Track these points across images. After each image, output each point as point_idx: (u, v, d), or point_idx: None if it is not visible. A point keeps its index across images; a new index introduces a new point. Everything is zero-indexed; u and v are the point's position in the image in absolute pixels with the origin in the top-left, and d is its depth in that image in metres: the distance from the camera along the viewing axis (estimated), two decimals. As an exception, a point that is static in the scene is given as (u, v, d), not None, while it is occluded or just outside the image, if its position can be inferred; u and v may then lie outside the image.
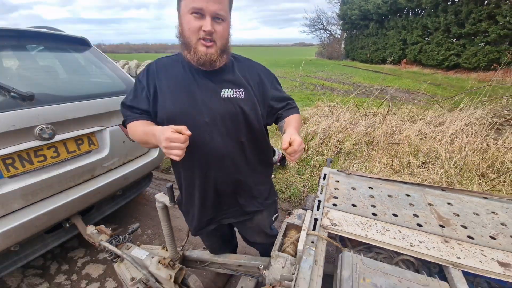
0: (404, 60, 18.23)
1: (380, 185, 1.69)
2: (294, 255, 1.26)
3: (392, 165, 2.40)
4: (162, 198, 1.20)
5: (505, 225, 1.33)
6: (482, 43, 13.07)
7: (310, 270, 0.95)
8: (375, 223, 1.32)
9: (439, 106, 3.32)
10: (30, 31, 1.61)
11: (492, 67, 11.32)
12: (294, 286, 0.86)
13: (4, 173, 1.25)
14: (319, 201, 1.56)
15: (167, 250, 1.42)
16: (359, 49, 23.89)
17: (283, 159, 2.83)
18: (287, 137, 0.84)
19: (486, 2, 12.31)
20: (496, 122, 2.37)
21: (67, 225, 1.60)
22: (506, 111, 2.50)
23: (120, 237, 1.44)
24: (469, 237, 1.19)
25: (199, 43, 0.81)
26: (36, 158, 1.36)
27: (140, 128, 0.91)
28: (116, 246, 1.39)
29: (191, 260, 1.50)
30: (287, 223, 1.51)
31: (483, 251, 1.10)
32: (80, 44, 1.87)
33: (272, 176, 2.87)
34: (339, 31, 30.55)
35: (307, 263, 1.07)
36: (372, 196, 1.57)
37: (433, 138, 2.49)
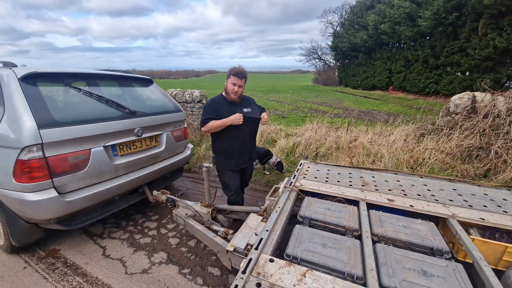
0: (391, 87, 19.97)
1: (335, 169, 2.75)
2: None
3: (352, 162, 3.43)
4: (206, 164, 2.22)
5: (401, 185, 2.35)
6: (457, 73, 14.74)
7: (285, 199, 1.93)
8: (325, 184, 2.36)
9: (396, 122, 4.45)
10: (127, 76, 2.77)
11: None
12: (276, 202, 1.85)
13: (119, 153, 2.29)
14: (295, 175, 2.60)
15: (201, 202, 2.40)
16: (351, 77, 25.93)
17: (278, 163, 3.69)
18: (264, 114, 2.44)
19: (456, 38, 14.18)
20: (422, 132, 3.44)
21: (140, 190, 2.59)
22: (429, 125, 3.59)
23: (177, 195, 2.44)
24: (376, 189, 2.19)
25: (232, 93, 2.23)
26: (133, 146, 2.41)
27: (217, 121, 2.21)
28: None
29: (218, 209, 2.48)
30: (274, 187, 2.55)
31: (381, 195, 2.06)
32: (148, 81, 3.03)
33: (267, 173, 3.84)
34: (332, 60, 33.10)
35: (283, 196, 2.08)
36: (328, 174, 2.62)
37: (380, 144, 3.56)
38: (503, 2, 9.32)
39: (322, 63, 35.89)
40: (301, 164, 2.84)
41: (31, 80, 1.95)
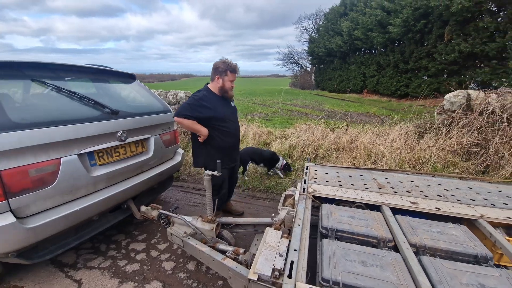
0: (366, 90, 20.95)
1: (344, 171, 2.58)
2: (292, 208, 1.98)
3: (354, 163, 3.29)
4: (209, 172, 1.88)
5: (417, 186, 2.23)
6: (425, 76, 15.84)
7: (303, 209, 1.69)
8: (340, 189, 2.16)
9: (386, 123, 4.44)
10: (104, 69, 2.33)
11: (434, 95, 13.75)
12: (295, 214, 1.58)
13: (98, 162, 1.85)
14: (305, 180, 2.37)
15: (201, 216, 2.04)
16: (327, 80, 26.81)
17: (285, 166, 3.42)
18: None
19: (425, 43, 15.27)
20: (420, 131, 3.43)
21: (124, 206, 2.15)
22: (425, 123, 3.61)
23: (171, 209, 2.05)
24: (395, 192, 2.05)
25: (230, 91, 2.23)
26: (115, 153, 1.98)
27: (197, 125, 2.12)
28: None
29: (222, 224, 2.13)
30: (285, 194, 2.27)
31: (402, 198, 1.93)
32: (129, 77, 2.60)
33: (271, 174, 3.54)
34: (309, 65, 34.08)
35: (301, 205, 1.83)
36: (338, 177, 2.43)
37: (380, 144, 3.47)
38: (469, 9, 10.19)
39: (299, 68, 36.81)
40: (307, 167, 2.62)
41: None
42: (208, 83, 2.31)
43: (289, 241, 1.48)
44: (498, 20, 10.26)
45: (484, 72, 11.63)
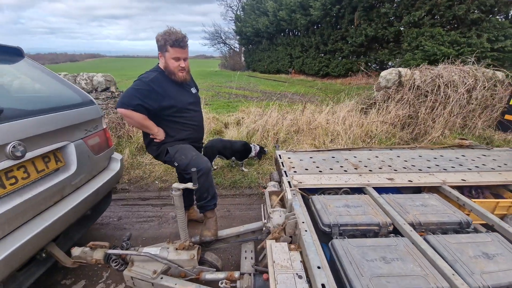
0: (293, 71, 22.25)
1: (315, 155, 2.49)
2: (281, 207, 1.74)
3: (314, 144, 3.28)
4: (180, 185, 1.37)
5: (383, 161, 2.34)
6: (340, 58, 17.92)
7: (300, 207, 1.48)
8: (323, 175, 2.04)
9: (330, 103, 4.67)
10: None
11: (349, 74, 15.84)
12: (296, 217, 1.34)
13: (-26, 202, 1.07)
14: (285, 171, 2.13)
15: (172, 242, 1.55)
16: (257, 62, 27.05)
17: (260, 152, 3.02)
18: None
19: (338, 27, 17.01)
20: (363, 107, 3.74)
21: (43, 255, 1.40)
22: (367, 100, 3.95)
23: (123, 243, 1.45)
24: (370, 170, 2.09)
25: (179, 72, 1.68)
26: (8, 180, 1.20)
27: (148, 121, 1.67)
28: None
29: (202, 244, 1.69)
30: (268, 192, 1.98)
31: (378, 176, 1.98)
32: (13, 53, 1.63)
33: (246, 170, 3.11)
34: (237, 45, 33.46)
35: (297, 204, 1.59)
36: (314, 162, 2.32)
37: (334, 122, 3.58)
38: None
39: (228, 48, 35.72)
40: (280, 156, 2.41)
41: None
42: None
43: (301, 253, 1.25)
44: (394, 6, 12.29)
45: (384, 54, 14.00)
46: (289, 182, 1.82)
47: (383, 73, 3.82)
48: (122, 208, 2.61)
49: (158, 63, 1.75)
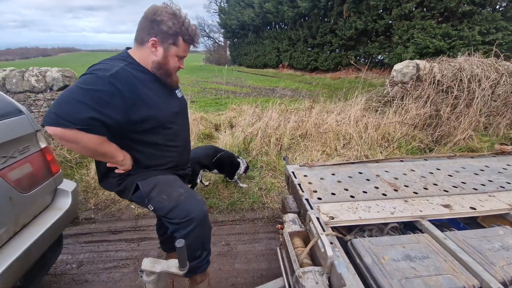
0: (282, 64, 21.70)
1: (337, 170, 1.96)
2: (311, 262, 1.21)
3: (325, 151, 2.76)
4: (156, 265, 0.76)
5: (424, 177, 1.85)
6: (328, 51, 17.57)
7: (350, 273, 0.96)
8: (358, 204, 1.51)
9: (336, 100, 4.17)
10: None
11: (338, 68, 15.51)
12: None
13: None
14: (307, 199, 1.57)
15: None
16: (243, 56, 26.21)
17: (247, 168, 2.59)
18: None
19: (327, 19, 16.59)
20: (375, 106, 3.27)
21: None
22: (380, 97, 3.49)
23: None
24: (414, 192, 1.60)
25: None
26: None
27: (111, 146, 1.04)
28: None
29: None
30: (289, 233, 1.41)
31: (428, 200, 1.51)
32: None
33: (244, 186, 2.54)
34: (222, 39, 32.36)
35: (343, 266, 1.05)
36: (339, 181, 1.78)
37: (344, 124, 3.07)
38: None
39: (212, 42, 34.46)
40: (293, 174, 1.86)
41: None
42: (129, 48, 1.12)
43: None
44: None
45: (374, 47, 13.77)
46: (318, 219, 1.28)
47: (397, 66, 3.37)
48: (84, 247, 1.95)
49: (128, 49, 1.11)
